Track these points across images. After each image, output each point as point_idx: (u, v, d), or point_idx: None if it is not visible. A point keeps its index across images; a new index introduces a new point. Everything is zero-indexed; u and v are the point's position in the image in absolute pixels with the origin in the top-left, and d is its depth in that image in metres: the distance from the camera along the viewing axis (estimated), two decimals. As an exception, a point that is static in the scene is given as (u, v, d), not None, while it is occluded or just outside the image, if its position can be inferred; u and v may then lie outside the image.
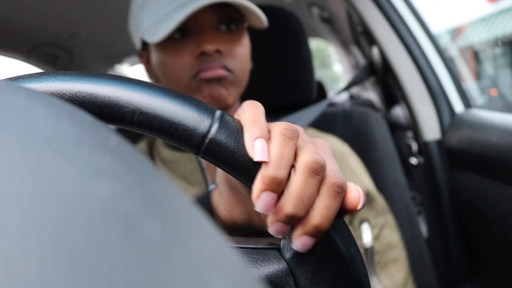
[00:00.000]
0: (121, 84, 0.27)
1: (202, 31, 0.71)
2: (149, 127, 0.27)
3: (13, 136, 0.12)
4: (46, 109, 0.14)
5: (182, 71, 0.72)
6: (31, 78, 0.27)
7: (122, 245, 0.11)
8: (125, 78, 0.28)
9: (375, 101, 2.20)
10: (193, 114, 0.27)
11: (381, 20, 1.14)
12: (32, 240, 0.10)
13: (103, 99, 0.27)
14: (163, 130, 0.27)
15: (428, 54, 1.13)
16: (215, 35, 0.71)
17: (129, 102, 0.27)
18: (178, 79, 0.72)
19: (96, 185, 0.12)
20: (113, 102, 0.27)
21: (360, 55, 2.03)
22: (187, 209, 0.14)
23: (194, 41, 0.72)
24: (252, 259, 0.34)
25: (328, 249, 0.32)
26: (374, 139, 0.98)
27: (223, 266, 0.12)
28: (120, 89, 0.27)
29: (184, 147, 0.28)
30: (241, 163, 0.28)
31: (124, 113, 0.27)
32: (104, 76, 0.28)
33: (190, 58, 0.71)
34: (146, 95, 0.27)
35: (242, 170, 0.28)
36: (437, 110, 1.12)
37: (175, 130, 0.27)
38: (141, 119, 0.27)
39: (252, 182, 0.29)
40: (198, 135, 0.27)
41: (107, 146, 0.14)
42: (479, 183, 0.97)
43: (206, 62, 0.70)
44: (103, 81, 0.27)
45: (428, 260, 0.96)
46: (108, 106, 0.27)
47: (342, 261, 0.32)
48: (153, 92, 0.27)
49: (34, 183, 0.11)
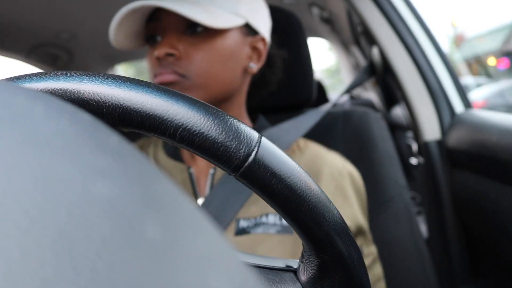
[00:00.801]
0: (168, 97, 0.27)
1: (165, 35, 0.72)
2: (190, 144, 0.27)
3: (13, 136, 0.12)
4: (46, 109, 0.14)
5: (151, 76, 0.73)
6: (84, 78, 0.27)
7: (122, 246, 0.11)
8: (171, 91, 0.28)
9: (375, 101, 2.20)
10: (235, 135, 0.27)
11: (381, 20, 1.14)
12: (32, 241, 0.10)
13: (148, 111, 0.27)
14: (204, 149, 0.27)
15: (428, 54, 1.13)
16: (176, 38, 0.70)
17: (174, 117, 0.27)
18: None
19: (96, 185, 0.12)
20: (158, 115, 0.27)
21: (360, 55, 2.03)
22: (188, 210, 0.14)
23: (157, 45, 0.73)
24: (268, 279, 0.35)
25: (344, 277, 0.32)
26: (374, 139, 0.97)
27: (223, 267, 0.12)
28: (167, 102, 0.27)
29: (222, 168, 0.28)
30: (276, 189, 0.29)
31: (167, 127, 0.27)
32: (152, 86, 0.28)
33: (154, 61, 0.72)
34: (192, 111, 0.27)
35: (277, 197, 0.29)
36: (437, 110, 1.12)
37: (216, 150, 0.27)
38: (184, 135, 0.27)
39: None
40: (238, 157, 0.27)
41: (108, 146, 0.14)
42: (479, 183, 0.97)
43: (159, 66, 0.70)
44: (150, 91, 0.27)
45: (428, 260, 0.96)
46: (152, 118, 0.27)
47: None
48: (199, 109, 0.27)
49: (34, 183, 0.11)
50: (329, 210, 0.30)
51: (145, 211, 0.12)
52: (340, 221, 0.31)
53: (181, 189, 0.14)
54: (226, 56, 0.73)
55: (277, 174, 0.28)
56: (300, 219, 0.30)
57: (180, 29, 0.71)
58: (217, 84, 0.73)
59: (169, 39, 0.70)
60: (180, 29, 0.71)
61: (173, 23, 0.71)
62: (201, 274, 0.11)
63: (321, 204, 0.30)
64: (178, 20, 0.71)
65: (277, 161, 0.28)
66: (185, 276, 0.11)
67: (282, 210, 0.29)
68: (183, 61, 0.70)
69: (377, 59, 1.21)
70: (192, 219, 0.13)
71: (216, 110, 0.28)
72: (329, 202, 0.31)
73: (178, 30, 0.71)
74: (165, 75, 0.69)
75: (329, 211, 0.30)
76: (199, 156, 0.28)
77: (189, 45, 0.70)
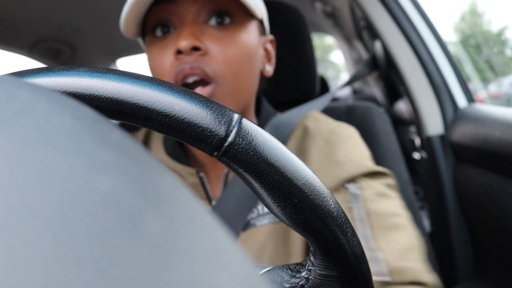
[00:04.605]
0: (146, 84, 0.27)
1: (183, 25, 0.59)
2: (169, 128, 0.27)
3: (16, 131, 0.12)
4: (50, 103, 0.14)
5: (164, 75, 0.59)
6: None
7: (125, 241, 0.11)
8: (146, 77, 0.28)
9: (378, 96, 2.20)
10: (214, 116, 0.27)
11: (384, 14, 1.14)
12: (35, 235, 0.10)
13: (130, 100, 0.27)
14: (182, 131, 0.27)
15: (431, 48, 1.12)
16: (198, 30, 0.58)
17: (153, 104, 0.27)
18: None
19: (99, 180, 0.12)
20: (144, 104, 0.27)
21: (363, 49, 2.02)
22: (190, 204, 0.14)
23: (175, 37, 0.59)
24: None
25: (343, 266, 0.33)
26: (377, 134, 0.97)
27: (227, 261, 0.12)
28: (148, 90, 0.27)
29: (204, 150, 0.28)
30: (260, 169, 0.28)
31: (152, 114, 0.27)
32: (127, 74, 0.28)
33: (171, 58, 0.58)
34: (167, 95, 0.27)
35: (262, 178, 0.28)
36: (440, 104, 1.12)
37: (195, 131, 0.27)
38: (162, 120, 0.27)
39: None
40: (218, 137, 0.27)
41: (110, 141, 0.14)
42: (482, 178, 0.97)
43: (182, 63, 0.57)
44: (126, 79, 0.27)
45: (431, 255, 0.96)
46: (130, 105, 0.27)
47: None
48: (174, 93, 0.27)
49: (37, 178, 0.11)
50: (324, 192, 0.29)
51: (148, 206, 0.12)
52: (335, 206, 0.30)
53: (184, 184, 0.14)
54: (252, 56, 0.62)
55: (260, 153, 0.27)
56: (289, 201, 0.28)
57: (202, 18, 0.59)
58: (244, 91, 0.62)
59: (192, 29, 0.57)
60: (202, 18, 0.59)
61: (194, 9, 0.58)
62: (205, 269, 0.11)
63: (310, 183, 0.28)
64: (198, 7, 0.58)
65: (259, 140, 0.28)
66: (189, 271, 0.11)
67: (269, 193, 0.28)
68: (211, 59, 0.57)
69: (380, 53, 1.21)
70: (195, 214, 0.13)
71: (190, 91, 0.28)
72: (321, 183, 0.29)
73: (199, 20, 0.59)
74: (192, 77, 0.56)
75: (324, 193, 0.29)
76: (179, 140, 0.27)
77: (214, 39, 0.58)
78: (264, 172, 0.27)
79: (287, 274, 0.36)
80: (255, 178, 0.28)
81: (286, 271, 0.36)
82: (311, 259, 0.34)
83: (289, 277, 0.36)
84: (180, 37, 0.56)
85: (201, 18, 0.59)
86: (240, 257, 0.13)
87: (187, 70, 0.56)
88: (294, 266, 0.36)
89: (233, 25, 0.59)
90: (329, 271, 0.32)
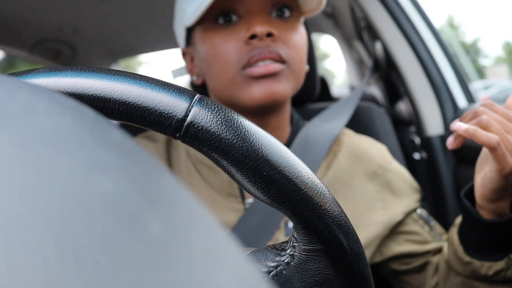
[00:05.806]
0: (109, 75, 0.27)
1: (251, 14, 0.63)
2: (128, 115, 0.27)
3: (16, 131, 0.12)
4: (49, 104, 0.14)
5: (229, 61, 0.62)
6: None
7: (125, 241, 0.11)
8: (109, 70, 0.28)
9: (378, 96, 2.19)
10: (170, 98, 0.27)
11: (384, 15, 1.14)
12: (35, 235, 0.10)
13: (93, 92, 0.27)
14: (141, 117, 0.27)
15: (431, 49, 1.12)
16: (266, 19, 0.62)
17: (110, 93, 0.27)
18: (224, 72, 0.63)
19: (99, 180, 0.12)
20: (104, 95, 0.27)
21: (363, 50, 2.02)
22: (191, 204, 0.14)
23: (243, 25, 0.63)
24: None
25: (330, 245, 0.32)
26: (377, 134, 0.97)
27: (227, 262, 0.12)
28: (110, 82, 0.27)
29: (165, 133, 0.27)
30: (223, 145, 0.27)
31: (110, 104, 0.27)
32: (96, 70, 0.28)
33: (238, 44, 0.62)
34: (121, 83, 0.27)
35: (227, 154, 0.27)
36: (440, 105, 1.11)
37: (152, 116, 0.27)
38: (119, 109, 0.27)
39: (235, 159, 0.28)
40: (176, 118, 0.27)
41: (110, 141, 0.14)
42: (483, 179, 0.97)
43: (256, 48, 0.61)
44: (89, 74, 0.27)
45: (431, 255, 0.96)
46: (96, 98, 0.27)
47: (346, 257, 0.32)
48: (130, 81, 0.27)
49: (37, 178, 0.11)
50: (292, 162, 0.28)
51: (148, 206, 0.12)
52: (309, 176, 0.29)
53: (184, 185, 0.14)
54: (306, 47, 0.68)
55: (221, 129, 0.27)
56: (258, 175, 0.27)
57: (267, 10, 0.64)
58: (302, 75, 0.68)
59: (261, 18, 0.62)
60: (267, 10, 0.64)
61: (259, 3, 0.63)
62: (205, 269, 0.11)
63: (277, 153, 0.28)
64: (263, 0, 0.63)
65: (219, 116, 0.27)
66: (189, 271, 0.11)
67: (238, 169, 0.28)
68: (282, 44, 0.62)
69: (380, 54, 1.21)
70: (195, 214, 0.13)
71: (147, 77, 0.27)
72: (289, 152, 0.28)
73: (264, 11, 0.63)
74: (269, 66, 0.60)
75: (292, 162, 0.28)
76: (141, 126, 0.27)
77: (281, 28, 0.63)
78: (227, 147, 0.27)
79: (272, 253, 0.35)
80: (221, 155, 0.27)
81: (272, 251, 0.35)
82: (294, 235, 0.33)
83: (274, 256, 0.35)
84: (253, 24, 0.61)
85: (266, 10, 0.64)
86: (240, 257, 0.13)
87: (266, 53, 0.61)
88: (279, 245, 0.35)
89: (292, 18, 0.66)
90: (313, 245, 0.31)
